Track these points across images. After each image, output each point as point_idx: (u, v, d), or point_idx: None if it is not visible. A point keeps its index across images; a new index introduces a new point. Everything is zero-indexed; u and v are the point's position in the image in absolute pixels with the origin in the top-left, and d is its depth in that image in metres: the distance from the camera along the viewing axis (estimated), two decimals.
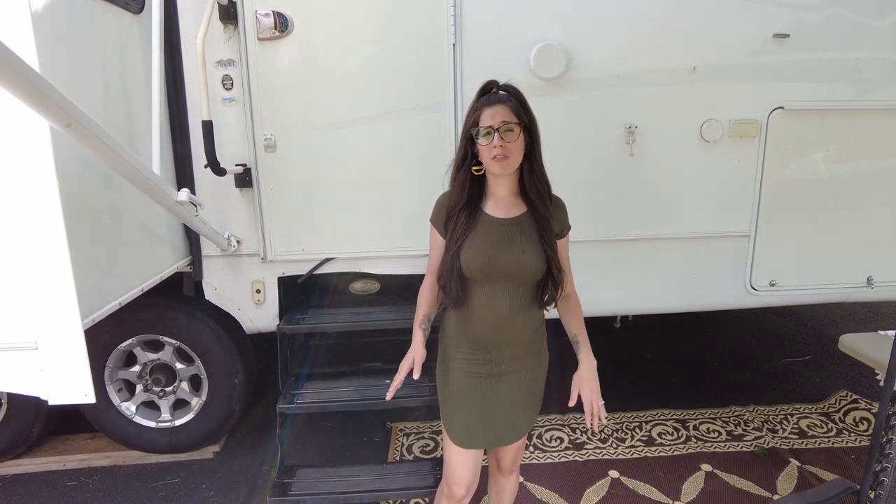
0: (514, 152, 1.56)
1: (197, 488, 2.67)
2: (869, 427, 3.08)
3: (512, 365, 1.71)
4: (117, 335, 2.67)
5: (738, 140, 2.65)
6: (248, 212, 2.56)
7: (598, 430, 1.53)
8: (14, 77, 1.12)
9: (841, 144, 2.71)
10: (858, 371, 3.67)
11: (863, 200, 2.80)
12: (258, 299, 2.68)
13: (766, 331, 4.41)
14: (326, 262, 2.66)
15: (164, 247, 2.44)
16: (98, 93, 1.98)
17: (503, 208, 1.65)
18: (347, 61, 2.43)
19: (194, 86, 2.35)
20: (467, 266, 1.61)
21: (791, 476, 2.67)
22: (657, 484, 2.63)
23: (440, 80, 2.47)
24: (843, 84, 2.64)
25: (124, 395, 2.81)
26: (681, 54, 2.54)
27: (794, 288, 2.88)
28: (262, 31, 2.36)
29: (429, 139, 2.51)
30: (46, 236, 1.64)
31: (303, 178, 2.53)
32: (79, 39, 1.87)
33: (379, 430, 3.12)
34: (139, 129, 2.20)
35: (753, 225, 2.76)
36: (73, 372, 1.73)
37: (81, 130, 1.40)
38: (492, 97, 1.58)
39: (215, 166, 2.29)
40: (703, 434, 3.02)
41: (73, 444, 2.94)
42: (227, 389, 2.77)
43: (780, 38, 2.54)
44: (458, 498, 1.81)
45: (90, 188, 1.91)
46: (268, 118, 2.45)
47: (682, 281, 2.82)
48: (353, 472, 2.55)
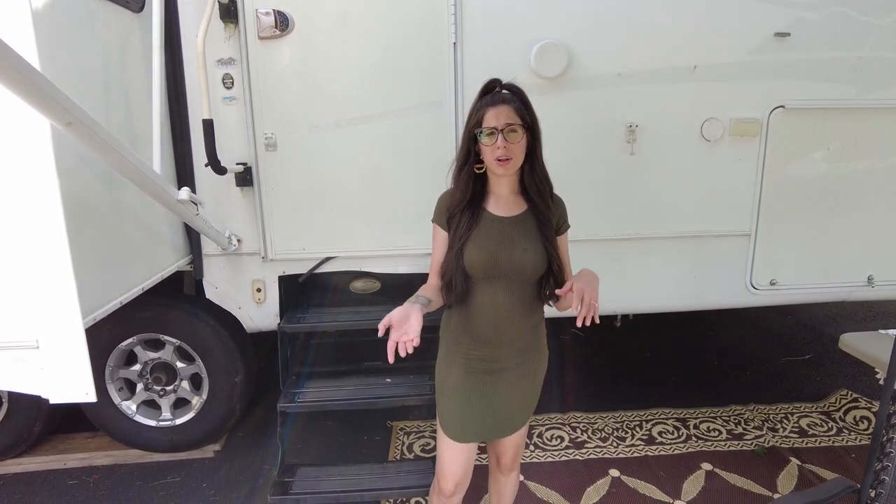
0: (517, 153, 1.57)
1: (198, 487, 2.67)
2: (869, 426, 3.08)
3: (512, 361, 1.72)
4: (118, 334, 2.67)
5: (738, 139, 2.64)
6: (248, 211, 2.56)
7: (588, 323, 1.45)
8: (15, 75, 1.12)
9: (842, 143, 2.71)
10: (859, 370, 3.67)
11: (863, 199, 2.79)
12: (259, 298, 2.68)
13: (766, 330, 4.40)
14: (327, 261, 2.66)
15: (164, 246, 2.44)
16: (98, 92, 1.98)
17: (504, 206, 1.66)
18: (348, 60, 2.43)
19: (195, 84, 2.35)
20: (470, 264, 1.62)
21: (791, 475, 2.67)
22: (657, 483, 2.63)
23: (441, 78, 2.47)
24: (843, 83, 2.64)
25: (125, 393, 2.81)
26: (682, 53, 2.54)
27: (795, 287, 2.87)
28: (263, 29, 2.36)
29: (429, 138, 2.51)
30: (47, 235, 1.64)
31: (303, 176, 2.52)
32: (79, 38, 1.87)
33: (379, 428, 3.12)
34: (140, 127, 2.20)
35: (754, 224, 2.75)
36: (74, 371, 1.73)
37: (82, 129, 1.40)
38: (496, 97, 1.58)
39: (216, 165, 2.29)
40: (704, 433, 3.02)
41: (73, 443, 2.94)
42: (228, 388, 2.77)
43: (780, 37, 2.54)
44: (447, 493, 1.81)
45: (91, 187, 1.91)
46: (268, 117, 2.45)
47: (683, 280, 2.82)
48: (353, 470, 2.55)
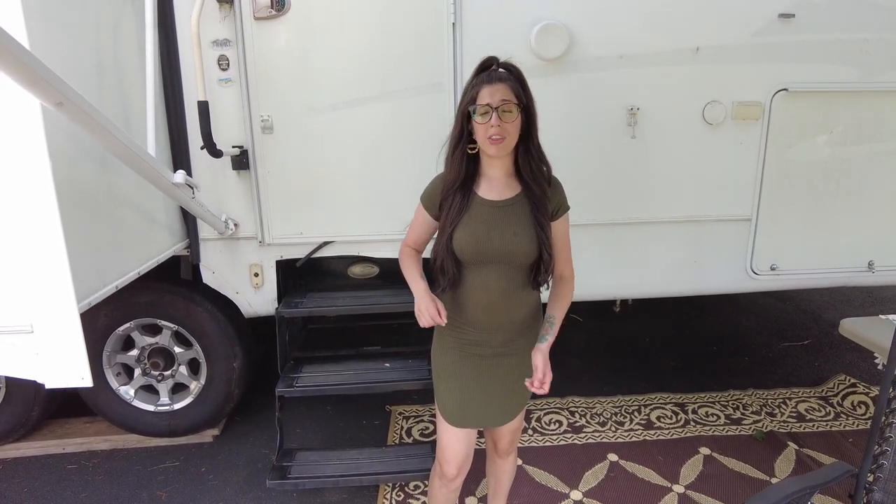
0: (512, 133, 1.53)
1: (196, 472, 2.68)
2: (867, 411, 3.08)
3: (506, 346, 1.71)
4: (115, 319, 2.65)
5: (740, 122, 2.61)
6: (245, 194, 2.53)
7: (543, 392, 1.59)
8: (4, 54, 1.09)
9: (844, 127, 2.68)
10: (857, 355, 3.67)
11: (865, 184, 2.77)
12: (256, 283, 2.66)
13: (765, 315, 4.40)
14: (325, 246, 2.64)
15: (161, 230, 2.42)
16: (91, 72, 1.94)
17: (497, 190, 1.63)
18: (345, 41, 2.39)
19: (190, 66, 2.31)
20: (459, 249, 1.60)
21: (789, 459, 2.68)
22: (656, 467, 2.63)
23: (440, 59, 2.43)
24: (848, 65, 2.60)
25: (123, 379, 2.81)
26: (684, 35, 2.50)
27: (795, 272, 2.86)
28: (259, 9, 2.31)
29: (428, 120, 2.47)
30: (40, 219, 1.62)
31: (300, 159, 2.49)
32: (70, 17, 1.83)
33: (378, 413, 3.12)
34: (134, 109, 2.16)
35: (755, 208, 2.73)
36: (70, 355, 1.72)
37: (74, 109, 1.37)
38: (492, 74, 1.55)
39: (211, 148, 2.27)
40: (702, 418, 3.03)
41: (72, 428, 2.94)
42: (226, 373, 2.77)
43: (785, 18, 2.50)
44: (450, 477, 1.82)
45: (84, 170, 1.88)
46: (264, 99, 2.41)
47: (683, 265, 2.81)
48: (352, 454, 2.56)
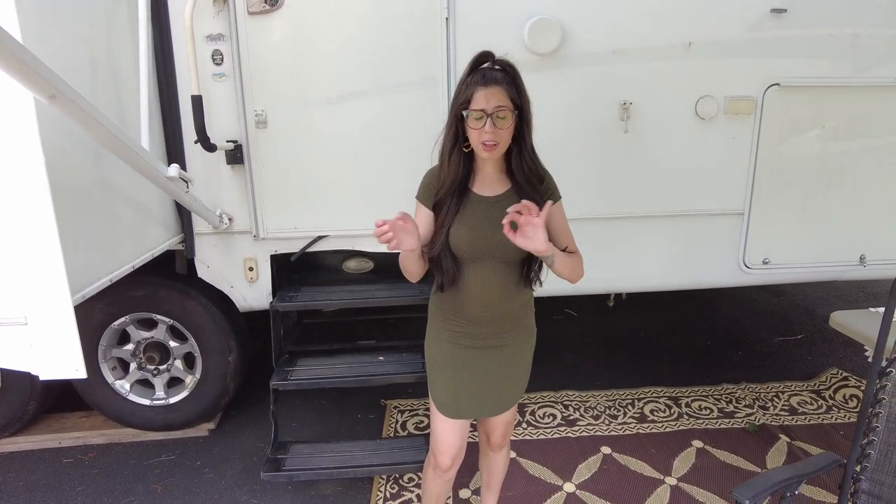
0: (505, 138, 1.53)
1: (192, 465, 2.69)
2: (858, 404, 3.11)
3: (499, 339, 1.72)
4: (110, 313, 2.66)
5: (733, 117, 2.62)
6: (239, 189, 2.54)
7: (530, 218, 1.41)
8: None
9: (837, 122, 2.69)
10: (849, 350, 3.70)
11: (857, 179, 2.78)
12: (251, 277, 2.67)
13: (758, 310, 4.42)
14: (319, 240, 2.65)
15: (155, 224, 2.42)
16: (85, 66, 1.94)
17: (490, 185, 1.64)
18: (339, 35, 2.39)
19: (184, 61, 2.30)
20: (456, 245, 1.61)
21: (781, 451, 2.71)
22: (649, 460, 2.66)
23: (433, 54, 2.43)
24: (840, 60, 2.61)
25: (118, 373, 2.81)
26: (677, 30, 2.50)
27: (788, 266, 2.87)
28: (253, 4, 2.31)
29: (422, 114, 2.48)
30: (35, 211, 1.62)
31: (295, 154, 2.50)
32: (63, 10, 1.83)
33: (373, 407, 3.14)
34: (128, 104, 2.17)
35: (747, 203, 2.74)
36: (64, 347, 1.72)
37: (67, 102, 1.38)
38: (487, 75, 1.50)
39: (205, 142, 2.27)
40: (696, 411, 3.05)
41: (68, 422, 2.95)
42: (222, 367, 2.78)
43: (777, 13, 2.51)
44: (444, 468, 1.83)
45: (79, 163, 1.89)
46: (259, 94, 2.41)
47: (676, 259, 2.82)
48: (346, 447, 2.57)
